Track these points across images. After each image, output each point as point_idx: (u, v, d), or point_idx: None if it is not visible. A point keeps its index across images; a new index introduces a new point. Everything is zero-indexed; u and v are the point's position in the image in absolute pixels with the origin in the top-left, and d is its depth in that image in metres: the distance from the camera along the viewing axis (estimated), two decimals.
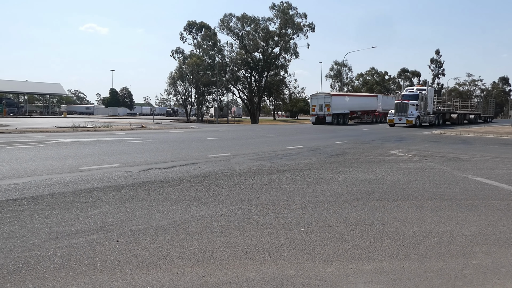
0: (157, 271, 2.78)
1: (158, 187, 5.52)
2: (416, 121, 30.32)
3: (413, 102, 30.79)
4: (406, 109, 30.45)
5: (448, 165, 8.45)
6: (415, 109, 30.52)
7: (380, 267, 2.93)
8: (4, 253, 3.02)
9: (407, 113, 30.41)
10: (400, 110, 30.87)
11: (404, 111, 30.57)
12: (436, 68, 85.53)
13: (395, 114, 31.19)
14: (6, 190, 5.11)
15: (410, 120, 30.19)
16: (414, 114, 30.30)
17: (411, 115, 30.24)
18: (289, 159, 9.04)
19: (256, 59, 58.11)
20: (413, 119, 30.12)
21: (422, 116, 31.02)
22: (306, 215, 4.27)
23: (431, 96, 32.70)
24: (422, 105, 30.93)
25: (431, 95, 32.51)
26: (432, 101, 32.89)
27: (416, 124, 30.21)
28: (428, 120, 32.22)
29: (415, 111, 30.43)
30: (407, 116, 30.34)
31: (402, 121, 30.57)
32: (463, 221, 4.18)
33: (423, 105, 31.12)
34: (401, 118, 30.68)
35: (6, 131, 18.69)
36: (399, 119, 30.81)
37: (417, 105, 30.63)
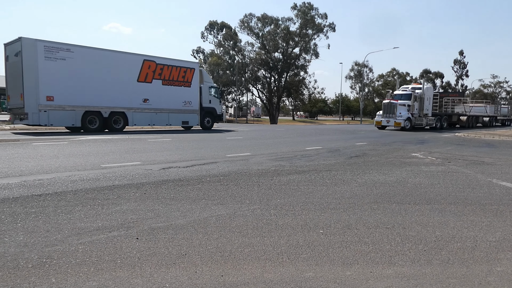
0: (176, 269, 2.80)
1: (177, 186, 5.57)
2: (406, 123, 27.38)
3: (404, 102, 27.91)
4: (394, 110, 27.66)
5: (471, 168, 8.23)
6: (407, 110, 27.68)
7: (401, 271, 2.88)
8: (29, 247, 3.10)
9: (395, 115, 27.55)
10: (388, 111, 28.06)
11: (392, 112, 27.76)
12: (460, 69, 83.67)
13: (383, 116, 28.44)
14: (32, 186, 5.25)
15: (398, 122, 27.28)
16: (403, 115, 27.43)
17: (400, 117, 27.38)
18: (308, 160, 8.99)
19: (276, 59, 58.08)
20: (402, 121, 27.23)
21: (415, 118, 28.16)
22: (325, 217, 4.23)
23: (429, 96, 29.61)
24: (415, 105, 28.12)
25: (429, 95, 29.52)
26: (430, 102, 29.82)
27: (406, 127, 27.33)
28: (425, 123, 29.25)
29: (405, 112, 27.57)
30: (395, 118, 27.52)
31: (390, 123, 27.81)
32: (487, 227, 4.07)
33: (418, 106, 28.31)
34: (389, 120, 27.94)
35: (32, 128, 19.22)
36: (387, 121, 28.05)
37: (408, 105, 27.80)
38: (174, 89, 21.09)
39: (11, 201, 4.44)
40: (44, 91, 16.21)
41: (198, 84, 22.63)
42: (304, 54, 58.32)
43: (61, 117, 16.83)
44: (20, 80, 15.89)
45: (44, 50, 16.17)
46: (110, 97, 18.36)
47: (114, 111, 18.56)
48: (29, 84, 15.86)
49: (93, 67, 17.69)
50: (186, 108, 21.95)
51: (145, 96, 19.78)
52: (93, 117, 17.90)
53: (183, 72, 21.40)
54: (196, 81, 22.32)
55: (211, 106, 23.99)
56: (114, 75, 18.46)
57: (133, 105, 19.29)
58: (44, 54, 16.15)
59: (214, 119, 24.55)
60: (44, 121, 16.38)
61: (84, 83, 17.38)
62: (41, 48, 16.12)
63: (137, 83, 19.39)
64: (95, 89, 17.72)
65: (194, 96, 22.35)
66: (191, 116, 22.36)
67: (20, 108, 16.28)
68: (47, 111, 16.32)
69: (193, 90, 22.20)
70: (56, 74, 16.47)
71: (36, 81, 15.92)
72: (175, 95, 21.18)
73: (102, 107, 18.08)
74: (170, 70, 20.78)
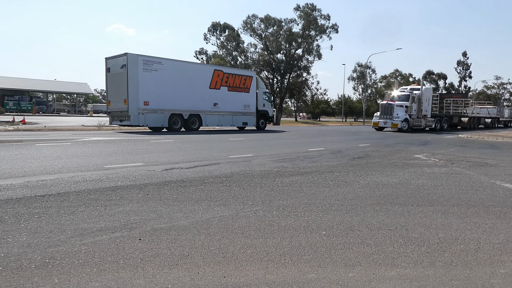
0: (178, 270, 2.81)
1: (180, 187, 5.58)
2: (403, 125, 27.18)
3: (401, 103, 27.68)
4: (391, 111, 27.42)
5: (475, 170, 8.21)
6: (404, 111, 27.46)
7: (403, 273, 2.87)
8: (32, 247, 3.11)
9: (392, 116, 27.33)
10: (385, 112, 27.86)
11: (389, 114, 27.53)
12: (463, 71, 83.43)
13: (380, 117, 28.15)
14: (35, 186, 5.27)
15: (395, 123, 27.02)
16: (400, 116, 27.15)
17: (397, 118, 27.12)
18: (311, 161, 8.98)
19: (278, 60, 58.11)
20: (399, 122, 26.97)
21: (414, 119, 27.86)
22: (327, 218, 4.22)
23: (428, 97, 29.35)
24: (413, 107, 27.86)
25: (427, 96, 29.21)
26: (429, 103, 29.53)
27: (403, 128, 27.16)
28: (424, 124, 28.81)
29: (402, 113, 27.32)
30: (392, 119, 27.27)
31: (388, 125, 27.54)
32: (490, 229, 4.05)
33: (417, 107, 28.05)
34: (386, 121, 27.67)
35: (35, 128, 19.32)
36: (384, 122, 27.78)
37: (406, 106, 27.56)
38: (237, 95, 24.43)
39: (14, 202, 4.46)
40: (142, 97, 19.33)
41: (255, 90, 25.90)
42: (307, 55, 58.37)
43: (154, 119, 19.97)
44: (124, 88, 18.99)
45: (142, 63, 19.28)
46: (189, 101, 21.46)
47: (192, 113, 21.70)
48: (132, 92, 18.97)
49: (177, 76, 20.78)
50: (246, 111, 25.22)
51: (215, 101, 23.03)
52: (176, 119, 20.97)
53: (243, 79, 24.78)
54: (253, 87, 25.62)
55: (264, 109, 27.10)
56: (192, 83, 21.59)
57: (206, 109, 22.51)
58: (143, 66, 19.29)
59: (266, 120, 27.71)
60: (142, 122, 19.53)
61: (170, 90, 20.50)
62: (140, 61, 19.20)
63: (209, 90, 22.57)
64: (178, 95, 20.85)
65: (252, 100, 25.63)
66: (250, 118, 25.62)
67: (122, 111, 19.40)
68: (144, 114, 19.50)
69: (251, 95, 25.53)
70: (150, 83, 19.59)
71: (137, 88, 19.03)
72: (237, 100, 24.52)
73: (183, 110, 21.22)
74: (234, 78, 24.11)
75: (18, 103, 58.71)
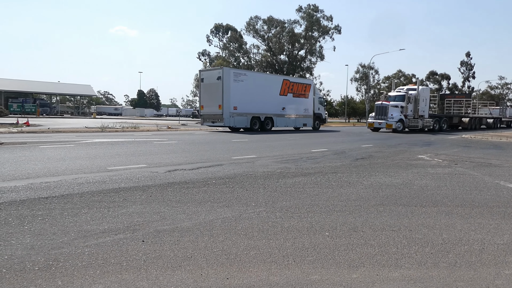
0: (182, 272, 2.81)
1: (183, 188, 5.58)
2: (398, 125, 27.05)
3: (396, 103, 27.69)
4: (386, 111, 27.36)
5: (478, 170, 8.17)
6: (400, 111, 27.37)
7: (407, 274, 2.86)
8: (35, 250, 3.12)
9: (386, 116, 27.24)
10: (380, 113, 27.84)
11: (384, 114, 27.47)
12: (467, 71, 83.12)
13: (375, 117, 28.14)
14: (38, 188, 5.29)
15: (389, 124, 26.96)
16: (394, 117, 27.02)
17: (391, 119, 27.02)
18: (314, 162, 8.97)
19: (281, 62, 58.12)
20: (393, 122, 26.90)
21: (410, 119, 27.71)
22: (330, 219, 4.21)
23: (425, 97, 29.21)
24: (409, 107, 27.71)
25: (424, 96, 29.00)
26: (427, 103, 29.37)
27: (398, 129, 27.01)
28: (421, 125, 28.39)
29: (397, 113, 27.21)
30: (386, 120, 27.16)
31: (382, 125, 27.43)
32: (495, 229, 4.03)
33: (413, 107, 27.89)
34: (381, 122, 27.55)
35: (39, 130, 19.40)
36: (379, 122, 27.65)
37: (402, 107, 27.48)
38: (299, 100, 28.76)
39: (18, 204, 4.48)
40: (233, 103, 23.68)
41: (312, 96, 30.05)
42: (309, 56, 58.39)
43: (240, 121, 24.43)
44: (219, 95, 23.31)
45: (233, 75, 23.94)
46: (264, 106, 25.77)
47: (266, 116, 26.03)
48: (225, 98, 23.25)
49: (256, 86, 25.30)
50: (306, 114, 29.48)
51: (283, 105, 27.42)
52: (256, 121, 25.30)
53: (304, 87, 29.21)
54: (311, 93, 29.87)
55: (319, 112, 31.42)
56: (267, 91, 26.04)
57: (277, 112, 26.89)
58: (233, 78, 23.83)
59: (321, 122, 32.08)
60: (232, 124, 24.04)
61: (251, 97, 24.86)
62: (232, 74, 23.96)
63: (279, 96, 27.07)
64: (256, 101, 25.17)
65: (310, 104, 29.93)
66: (308, 120, 29.96)
67: (216, 115, 23.82)
68: (233, 117, 23.88)
69: (309, 100, 29.78)
70: (238, 91, 23.98)
71: (229, 96, 23.38)
72: (300, 104, 28.86)
73: (260, 113, 25.57)
74: (297, 86, 28.52)
75: (22, 105, 59.03)
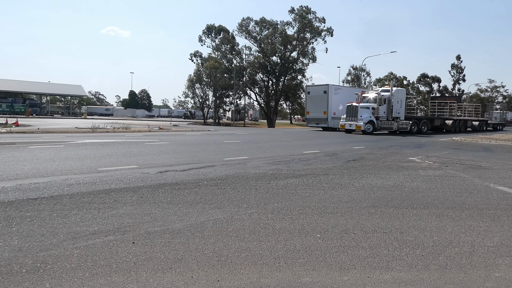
0: (172, 274, 2.78)
1: (174, 190, 5.55)
2: (367, 127, 26.73)
3: (368, 105, 27.56)
4: (356, 113, 27.18)
5: (469, 173, 8.25)
6: (371, 113, 27.13)
7: (398, 277, 2.86)
8: (23, 252, 3.07)
9: (356, 118, 27.06)
10: (350, 114, 27.67)
11: (354, 116, 27.31)
12: (457, 74, 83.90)
13: (346, 119, 27.97)
14: (27, 189, 5.22)
15: (359, 125, 26.70)
16: (364, 118, 26.73)
17: (360, 120, 26.74)
18: (306, 163, 8.98)
19: (273, 63, 58.17)
20: (362, 124, 26.55)
21: (382, 121, 27.46)
22: (322, 221, 4.21)
23: (400, 99, 28.84)
24: (381, 108, 27.48)
25: (399, 98, 28.70)
26: (402, 105, 28.95)
27: (368, 130, 26.68)
28: (396, 127, 28.08)
29: (366, 115, 26.93)
30: (356, 121, 26.98)
31: (353, 127, 27.28)
32: (485, 232, 4.06)
33: (386, 109, 27.63)
34: (351, 123, 27.38)
35: (28, 131, 19.16)
36: (350, 124, 27.48)
37: (373, 108, 27.28)
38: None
39: (6, 205, 4.41)
40: (333, 110, 32.43)
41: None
42: (302, 58, 58.47)
43: (337, 123, 30.53)
44: (324, 104, 32.58)
45: (333, 89, 33.04)
46: None
47: None
48: (329, 107, 32.22)
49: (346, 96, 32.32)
50: None
51: None
52: None
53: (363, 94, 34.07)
54: None
55: None
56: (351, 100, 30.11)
57: None
58: (334, 91, 32.78)
59: None
60: (332, 125, 32.29)
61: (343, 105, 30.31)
62: (333, 88, 33.02)
63: None
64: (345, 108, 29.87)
65: None
66: None
67: (321, 118, 33.12)
68: (333, 120, 32.16)
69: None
70: (335, 101, 32.54)
71: (331, 105, 32.38)
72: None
73: None
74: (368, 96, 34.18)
75: (11, 105, 58.34)
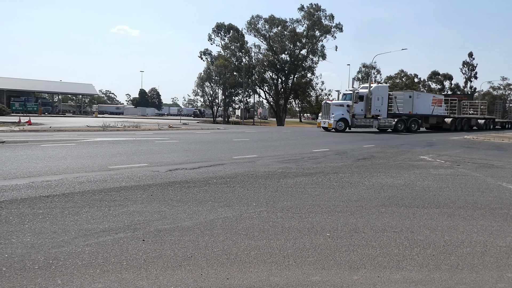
0: (182, 271, 2.79)
1: (184, 188, 5.57)
2: (339, 125, 26.30)
3: (342, 102, 27.29)
4: (328, 110, 26.93)
5: (481, 172, 8.14)
6: (345, 110, 26.70)
7: (409, 276, 2.84)
8: (35, 248, 3.11)
9: (329, 116, 26.75)
10: (324, 112, 27.58)
11: (327, 113, 27.08)
12: (469, 71, 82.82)
13: (322, 117, 27.77)
14: (39, 187, 5.29)
15: (330, 122, 26.39)
16: (335, 116, 26.33)
17: (332, 118, 26.38)
18: (315, 162, 8.95)
19: (283, 61, 58.01)
20: (334, 122, 26.19)
21: (358, 119, 26.90)
22: (332, 220, 4.20)
23: (381, 96, 28.07)
24: (357, 106, 26.89)
25: (379, 94, 27.95)
26: (384, 102, 28.19)
27: (339, 128, 26.23)
28: (377, 125, 27.57)
29: (338, 112, 26.54)
30: (329, 119, 26.67)
31: (326, 124, 27.02)
32: (497, 231, 4.00)
33: (364, 106, 27.09)
34: (325, 121, 27.06)
35: (41, 129, 19.42)
36: (324, 122, 27.25)
37: (348, 105, 26.80)
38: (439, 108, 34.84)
39: (19, 202, 4.47)
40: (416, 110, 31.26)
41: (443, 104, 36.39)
42: (311, 55, 58.17)
43: None
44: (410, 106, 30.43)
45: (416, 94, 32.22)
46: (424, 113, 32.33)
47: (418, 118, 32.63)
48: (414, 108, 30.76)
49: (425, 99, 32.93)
50: None
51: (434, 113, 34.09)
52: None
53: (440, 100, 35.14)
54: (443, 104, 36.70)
55: None
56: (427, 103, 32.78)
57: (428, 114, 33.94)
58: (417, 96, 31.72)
59: None
60: None
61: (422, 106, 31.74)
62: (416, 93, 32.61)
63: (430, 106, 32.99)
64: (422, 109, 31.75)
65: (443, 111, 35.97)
66: None
67: None
68: None
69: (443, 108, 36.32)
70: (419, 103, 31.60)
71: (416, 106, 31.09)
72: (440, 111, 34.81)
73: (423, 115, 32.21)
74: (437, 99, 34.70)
75: (24, 104, 59.12)
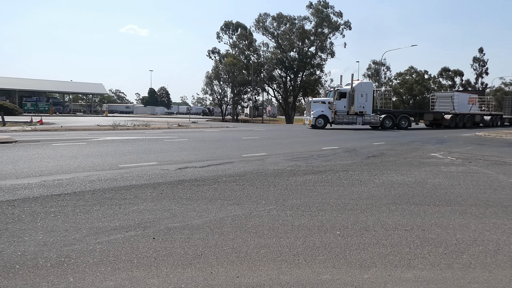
0: (192, 270, 2.81)
1: (193, 186, 5.59)
2: (318, 121, 26.15)
3: (324, 99, 27.57)
4: (309, 107, 27.08)
5: (493, 169, 8.03)
6: (327, 107, 26.48)
7: (420, 275, 2.81)
8: (48, 246, 3.15)
9: (309, 112, 26.83)
10: (307, 109, 27.76)
11: (308, 110, 27.29)
12: (480, 67, 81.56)
13: (306, 114, 28.03)
14: (51, 186, 5.35)
15: (310, 119, 26.39)
16: (315, 113, 26.22)
17: (312, 115, 26.32)
18: (325, 160, 8.91)
19: (291, 59, 57.83)
20: (313, 119, 26.14)
21: (340, 116, 26.48)
22: (342, 218, 4.18)
23: (365, 92, 27.14)
24: (339, 103, 26.47)
25: (364, 91, 27.09)
26: (368, 98, 27.24)
27: (319, 125, 26.11)
28: (361, 121, 26.81)
29: (318, 109, 26.37)
30: (309, 116, 26.68)
31: (307, 121, 27.20)
32: (510, 230, 3.95)
33: (347, 103, 26.53)
34: (307, 117, 27.41)
35: (52, 129, 19.65)
36: (306, 118, 27.65)
37: (329, 102, 26.63)
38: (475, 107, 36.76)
39: (31, 201, 4.53)
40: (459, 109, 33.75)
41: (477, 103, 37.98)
42: (320, 53, 57.89)
43: None
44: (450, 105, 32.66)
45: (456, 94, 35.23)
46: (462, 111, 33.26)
47: None
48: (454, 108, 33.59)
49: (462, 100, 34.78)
50: None
51: None
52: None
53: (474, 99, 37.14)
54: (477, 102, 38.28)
55: None
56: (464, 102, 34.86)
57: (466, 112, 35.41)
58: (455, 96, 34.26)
59: None
60: None
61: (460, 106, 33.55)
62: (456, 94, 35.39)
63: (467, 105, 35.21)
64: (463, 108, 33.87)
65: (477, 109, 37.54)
66: None
67: None
68: None
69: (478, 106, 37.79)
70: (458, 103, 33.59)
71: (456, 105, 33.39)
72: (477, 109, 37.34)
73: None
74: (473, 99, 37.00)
75: (36, 104, 59.84)
